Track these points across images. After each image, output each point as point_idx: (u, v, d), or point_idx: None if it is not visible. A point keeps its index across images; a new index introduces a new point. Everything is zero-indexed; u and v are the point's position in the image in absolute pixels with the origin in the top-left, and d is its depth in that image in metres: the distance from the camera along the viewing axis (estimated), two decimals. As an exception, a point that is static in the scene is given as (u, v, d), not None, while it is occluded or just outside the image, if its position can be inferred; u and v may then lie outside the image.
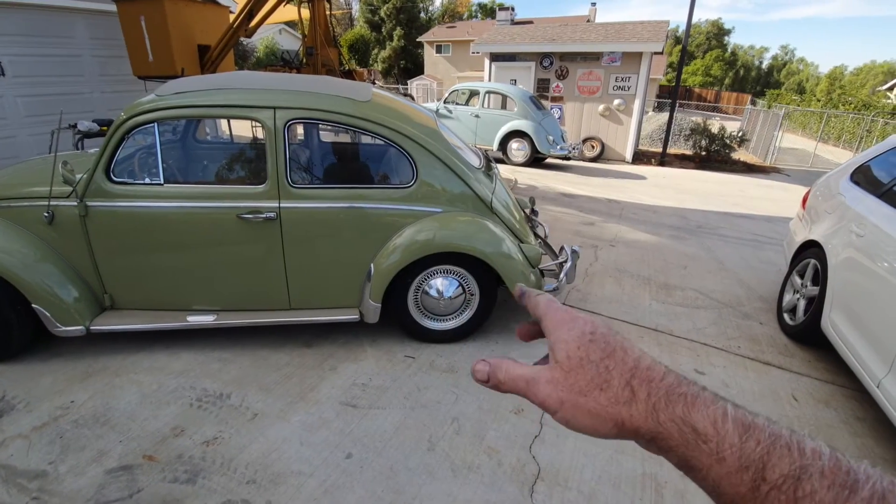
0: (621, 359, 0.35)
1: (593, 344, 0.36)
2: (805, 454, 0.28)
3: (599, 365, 0.35)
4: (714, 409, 0.31)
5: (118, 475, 1.92)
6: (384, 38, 37.48)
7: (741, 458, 0.29)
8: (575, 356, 0.36)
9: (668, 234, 5.54)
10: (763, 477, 0.28)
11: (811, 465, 0.27)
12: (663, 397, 0.32)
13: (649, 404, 0.33)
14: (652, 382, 0.33)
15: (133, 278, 2.60)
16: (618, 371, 0.34)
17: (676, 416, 0.31)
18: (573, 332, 0.37)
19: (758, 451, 0.28)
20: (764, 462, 0.28)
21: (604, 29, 11.38)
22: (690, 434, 0.31)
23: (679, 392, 0.32)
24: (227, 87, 2.54)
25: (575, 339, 0.37)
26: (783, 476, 0.27)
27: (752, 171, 10.87)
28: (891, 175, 2.98)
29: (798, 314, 3.25)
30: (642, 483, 2.01)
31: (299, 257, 2.63)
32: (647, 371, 0.34)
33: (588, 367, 0.35)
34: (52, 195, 2.40)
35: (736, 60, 55.76)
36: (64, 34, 6.23)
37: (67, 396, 2.35)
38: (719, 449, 0.29)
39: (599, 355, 0.35)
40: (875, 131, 14.95)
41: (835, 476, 0.26)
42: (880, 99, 22.41)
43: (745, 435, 0.29)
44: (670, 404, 0.32)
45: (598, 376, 0.35)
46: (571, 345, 0.36)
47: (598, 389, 0.34)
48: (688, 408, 0.31)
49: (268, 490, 1.89)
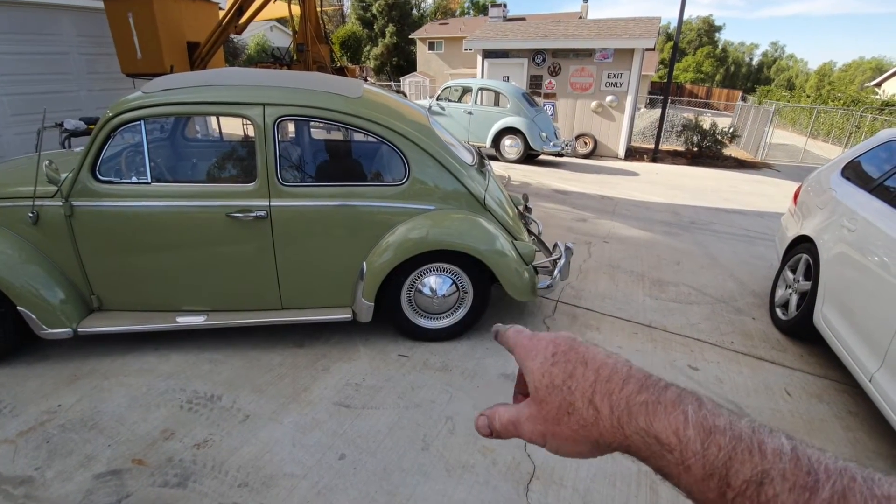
0: (581, 375, 0.35)
1: (555, 367, 0.36)
2: (766, 456, 0.28)
3: (563, 388, 0.35)
4: (675, 415, 0.31)
5: (106, 480, 1.88)
6: (376, 34, 37.31)
7: (705, 465, 0.29)
8: (542, 385, 0.37)
9: (661, 230, 5.55)
10: (728, 483, 0.28)
11: (772, 468, 0.27)
12: (625, 410, 0.32)
13: (613, 419, 0.33)
14: (612, 395, 0.33)
15: (121, 279, 2.56)
16: (579, 391, 0.35)
17: (640, 428, 0.32)
18: (537, 359, 0.38)
19: (720, 458, 0.28)
20: (727, 468, 0.28)
21: (596, 25, 11.38)
22: (655, 445, 0.31)
23: (640, 401, 0.32)
24: (216, 83, 2.49)
25: (539, 367, 0.37)
26: (746, 482, 0.27)
27: (744, 166, 10.94)
28: (881, 170, 3.00)
29: (790, 309, 3.26)
30: (637, 480, 2.01)
31: (291, 256, 2.60)
32: (607, 383, 0.34)
33: (554, 393, 0.36)
34: (36, 195, 2.35)
35: (727, 57, 56.12)
36: (50, 31, 6.12)
37: (54, 400, 2.31)
38: (683, 458, 0.30)
39: (562, 378, 0.36)
40: (864, 127, 15.09)
41: (795, 478, 0.26)
42: (868, 95, 22.64)
43: (707, 441, 0.29)
44: (632, 417, 0.32)
45: (564, 401, 0.35)
46: (537, 374, 0.37)
47: (566, 415, 0.35)
48: (649, 418, 0.31)
49: (260, 493, 1.86)
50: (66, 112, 6.02)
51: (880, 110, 16.69)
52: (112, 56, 6.24)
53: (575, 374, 0.35)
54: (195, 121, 5.35)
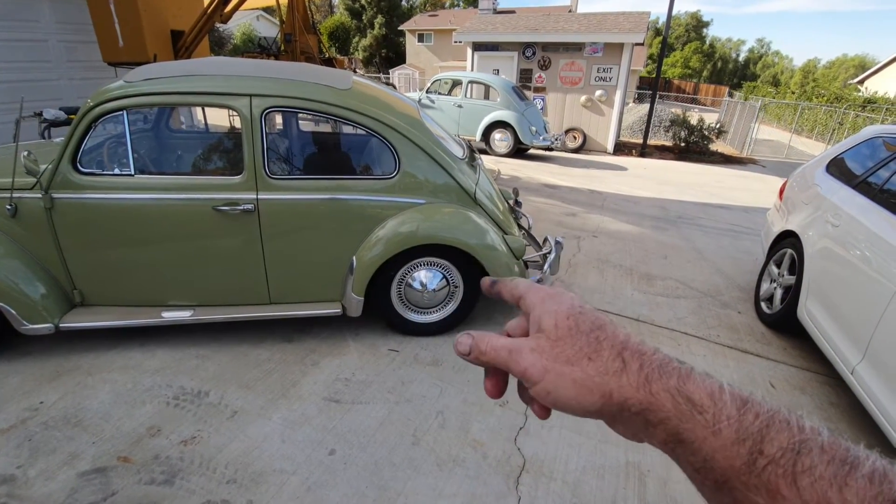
0: (612, 332, 0.34)
1: (582, 316, 0.35)
2: (804, 430, 0.27)
3: (590, 335, 0.34)
4: (709, 382, 0.31)
5: (91, 478, 1.85)
6: (365, 25, 36.88)
7: (739, 430, 0.28)
8: (563, 325, 0.35)
9: (649, 224, 5.60)
10: (761, 450, 0.27)
11: (811, 439, 0.26)
12: (656, 369, 0.32)
13: (641, 375, 0.32)
14: (644, 355, 0.33)
15: (104, 273, 2.50)
16: (608, 342, 0.34)
17: (671, 386, 0.31)
18: (562, 304, 0.36)
19: (756, 425, 0.28)
20: (762, 435, 0.27)
21: (586, 19, 11.37)
22: (685, 404, 0.30)
23: (672, 366, 0.32)
24: (201, 73, 2.43)
25: (565, 310, 0.36)
26: (782, 449, 0.26)
27: (730, 162, 11.07)
28: (864, 166, 3.05)
29: (775, 303, 3.32)
30: (626, 472, 2.03)
31: (279, 250, 2.57)
32: (639, 346, 0.34)
33: (577, 336, 0.34)
34: (14, 187, 2.28)
35: (714, 53, 56.58)
36: (28, 18, 5.93)
37: (36, 397, 2.26)
38: (716, 420, 0.29)
39: (589, 326, 0.35)
40: (847, 123, 15.35)
41: (835, 452, 0.26)
42: (852, 92, 22.99)
43: (744, 408, 0.29)
44: (664, 375, 0.31)
45: (588, 346, 0.34)
46: (560, 315, 0.36)
47: (586, 359, 0.33)
48: (682, 380, 0.31)
49: (249, 489, 1.84)
50: (45, 101, 5.85)
51: (863, 107, 16.99)
52: (93, 44, 6.06)
53: (605, 328, 0.35)
54: (180, 111, 5.24)
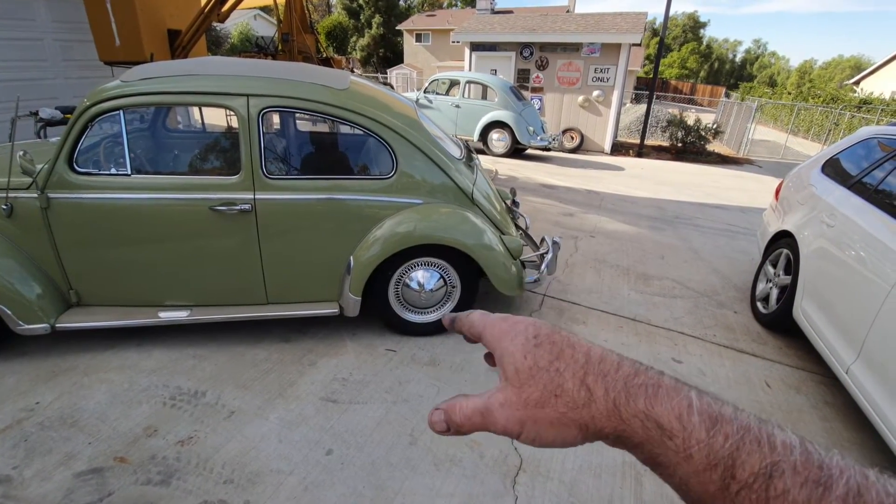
0: (570, 357, 0.33)
1: (539, 349, 0.34)
2: (776, 449, 0.26)
3: (550, 369, 0.33)
4: (678, 400, 0.29)
5: (87, 478, 1.85)
6: (363, 25, 36.85)
7: (709, 455, 0.27)
8: (523, 367, 0.33)
9: (646, 224, 5.62)
10: (733, 475, 0.26)
11: (783, 460, 0.25)
12: (622, 391, 0.30)
13: (609, 401, 0.30)
14: (607, 376, 0.31)
15: (100, 274, 2.49)
16: (569, 371, 0.32)
17: (639, 410, 0.29)
18: (516, 340, 0.35)
19: (727, 448, 0.27)
20: (733, 459, 0.26)
21: (583, 20, 11.39)
22: (655, 430, 0.29)
23: (638, 383, 0.30)
24: (198, 72, 2.43)
25: (520, 348, 0.34)
26: (754, 474, 0.25)
27: (726, 162, 11.11)
28: (859, 167, 3.06)
29: (771, 303, 3.33)
30: (622, 472, 2.04)
31: (276, 250, 2.56)
32: (600, 364, 0.32)
33: (539, 375, 0.33)
34: (10, 186, 2.27)
35: (711, 53, 56.78)
36: (23, 16, 5.90)
37: (32, 398, 2.25)
38: (686, 446, 0.28)
39: (548, 359, 0.33)
40: (842, 124, 15.42)
41: (808, 472, 0.25)
42: (847, 93, 23.12)
43: (713, 429, 0.27)
44: (630, 398, 0.30)
45: (551, 382, 0.32)
46: (517, 355, 0.34)
47: (553, 397, 0.32)
48: (650, 401, 0.29)
49: (246, 489, 1.84)
50: (41, 100, 5.83)
51: (858, 108, 17.08)
52: (89, 43, 6.03)
53: (563, 356, 0.33)
54: (177, 111, 5.22)
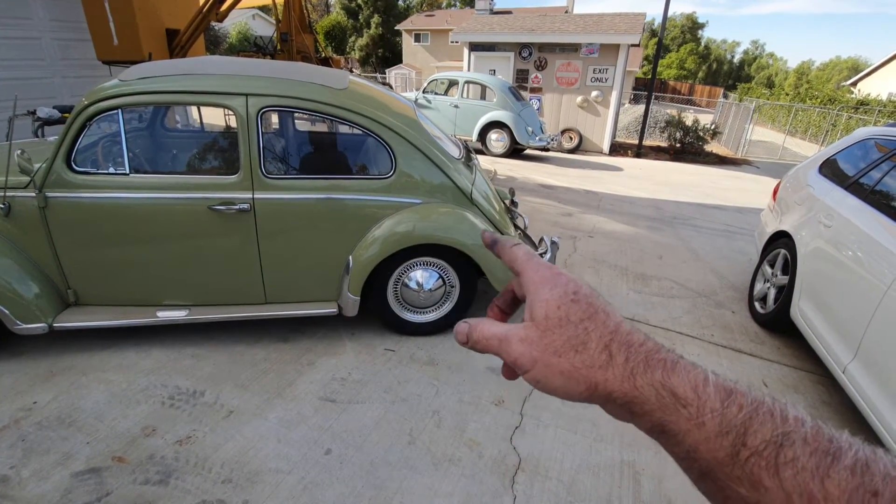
0: (602, 321, 0.34)
1: (575, 304, 0.34)
2: (788, 421, 0.27)
3: (578, 326, 0.34)
4: (694, 374, 0.30)
5: (85, 478, 1.84)
6: (361, 25, 36.84)
7: (722, 423, 0.28)
8: (554, 316, 0.34)
9: (645, 224, 5.63)
10: (744, 442, 0.27)
11: (794, 431, 0.27)
12: (642, 362, 0.32)
13: (627, 368, 0.32)
14: (631, 347, 0.32)
15: (99, 273, 2.49)
16: (597, 333, 0.33)
17: (655, 380, 0.31)
18: (555, 290, 0.35)
19: (740, 417, 0.28)
20: (745, 427, 0.27)
21: (582, 20, 11.40)
22: (669, 398, 0.30)
23: (658, 358, 0.32)
24: (197, 72, 2.43)
25: (556, 298, 0.35)
26: (765, 442, 0.27)
27: (724, 162, 11.13)
28: (856, 168, 3.08)
29: (768, 303, 3.34)
30: (620, 470, 2.04)
31: (275, 250, 2.56)
32: (627, 336, 0.33)
33: (566, 327, 0.34)
34: (7, 185, 2.27)
35: (709, 54, 56.91)
36: (21, 15, 5.88)
37: (30, 397, 2.25)
38: (699, 413, 0.29)
39: (580, 316, 0.34)
40: (840, 125, 15.46)
41: (818, 443, 0.26)
42: (845, 94, 23.20)
43: (727, 400, 0.29)
44: (649, 369, 0.31)
45: (576, 337, 0.33)
46: (552, 304, 0.35)
47: (573, 350, 0.33)
48: (667, 373, 0.31)
49: (244, 489, 1.84)
50: (39, 100, 5.81)
51: (855, 109, 17.13)
52: (87, 42, 6.02)
53: (595, 318, 0.34)
54: (175, 111, 5.21)
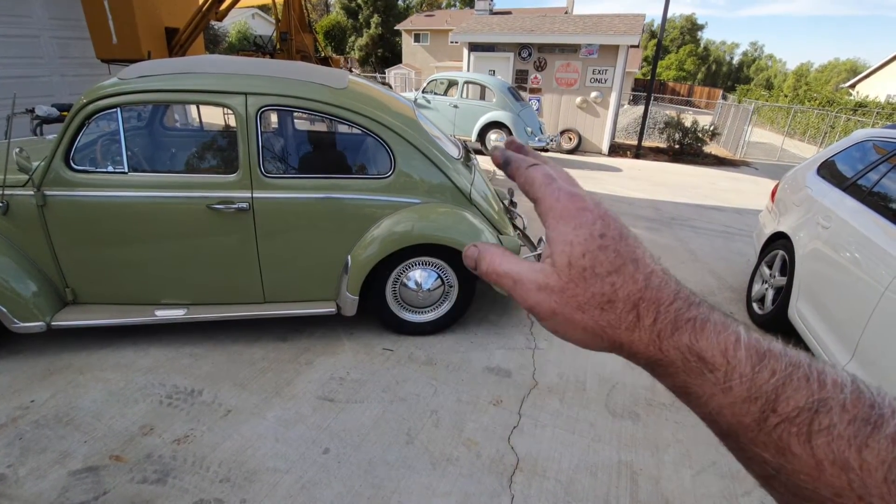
0: (631, 276, 0.30)
1: (602, 252, 0.31)
2: (825, 386, 0.25)
3: (605, 280, 0.30)
4: (725, 335, 0.28)
5: (83, 477, 1.84)
6: (361, 25, 36.83)
7: (751, 388, 0.26)
8: (577, 265, 0.31)
9: (643, 225, 5.64)
10: (774, 409, 0.25)
11: (832, 397, 0.24)
12: (670, 323, 0.29)
13: (654, 331, 0.29)
14: (660, 307, 0.29)
15: (97, 272, 2.48)
16: (625, 291, 0.30)
17: (682, 343, 0.28)
18: (580, 231, 0.31)
19: (771, 383, 0.26)
20: (777, 394, 0.25)
21: (581, 21, 11.42)
22: (696, 362, 0.28)
23: (687, 317, 0.29)
24: (196, 71, 2.43)
25: (581, 242, 0.31)
26: (798, 408, 0.25)
27: (723, 164, 11.15)
28: (854, 169, 3.08)
29: (766, 303, 3.35)
30: (618, 471, 2.05)
31: (273, 249, 2.56)
32: (657, 292, 0.30)
33: (591, 281, 0.30)
34: (6, 184, 2.26)
35: (708, 56, 57.00)
36: (19, 13, 5.87)
37: (27, 396, 2.24)
38: (727, 378, 0.27)
39: (607, 268, 0.30)
40: (838, 127, 15.50)
41: (857, 410, 0.24)
42: (843, 96, 23.24)
43: (759, 365, 0.26)
44: (676, 331, 0.29)
45: (602, 294, 0.30)
46: (576, 250, 0.31)
47: (598, 308, 0.30)
48: (695, 335, 0.28)
49: (242, 488, 1.84)
50: (37, 98, 5.79)
51: (854, 111, 17.17)
52: (86, 40, 6.02)
53: (623, 271, 0.30)
54: (174, 109, 5.21)
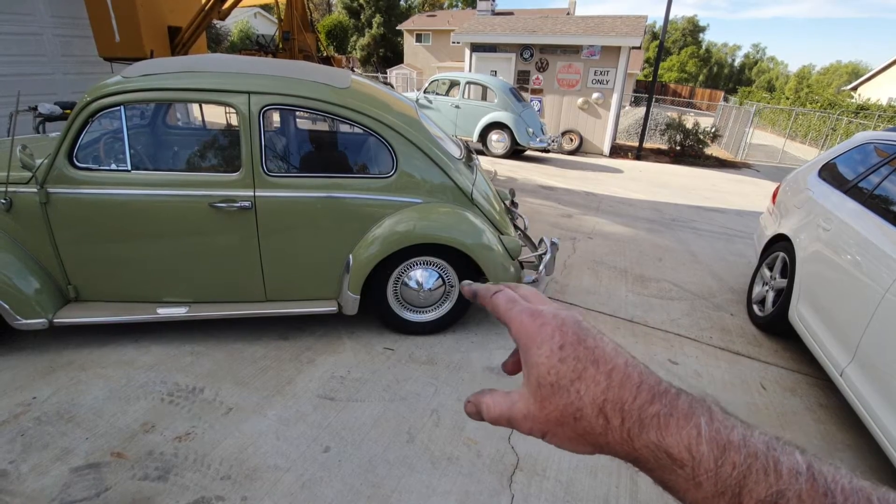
0: (592, 379, 0.33)
1: (563, 364, 0.34)
2: (782, 476, 0.27)
3: (570, 391, 0.33)
4: (688, 429, 0.30)
5: (84, 473, 1.85)
6: (363, 25, 36.84)
7: (717, 483, 0.28)
8: (546, 383, 0.34)
9: (644, 226, 5.64)
10: (740, 502, 0.28)
11: (788, 489, 0.27)
12: (636, 423, 0.31)
13: (623, 431, 0.32)
14: (624, 406, 0.32)
15: (99, 269, 2.49)
16: (589, 396, 0.33)
17: (651, 442, 0.31)
18: (542, 350, 0.35)
19: (734, 476, 0.28)
20: (740, 487, 0.28)
21: (583, 22, 11.42)
22: (665, 460, 0.30)
23: (652, 413, 0.31)
24: (199, 70, 2.43)
25: (544, 360, 0.34)
26: (759, 501, 0.27)
27: (724, 165, 11.15)
28: (855, 172, 3.09)
29: (767, 305, 3.35)
30: (618, 471, 2.05)
31: (275, 248, 2.57)
32: (619, 390, 0.32)
33: (560, 394, 0.34)
34: (9, 181, 2.27)
35: (710, 57, 56.94)
36: (22, 11, 5.87)
37: (29, 392, 2.25)
38: (695, 475, 0.29)
39: (570, 378, 0.33)
40: (840, 129, 15.49)
41: (812, 499, 0.26)
42: (845, 98, 23.22)
43: (721, 458, 0.29)
44: (643, 430, 0.31)
45: (571, 405, 0.33)
46: (542, 369, 0.34)
47: (572, 419, 0.33)
48: (661, 432, 0.31)
49: (243, 486, 1.85)
50: (40, 96, 5.80)
51: (855, 114, 17.16)
52: (88, 38, 6.01)
53: (585, 377, 0.33)
54: (176, 108, 5.22)
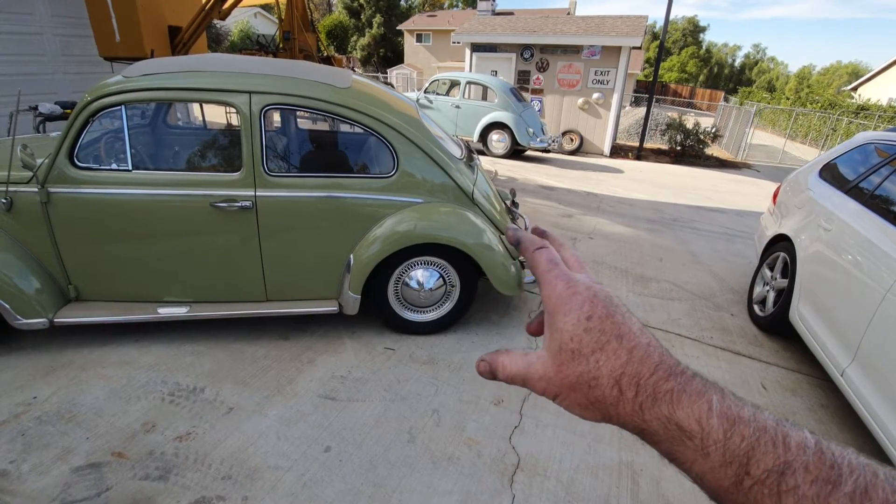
0: (614, 352, 0.34)
1: (587, 334, 0.35)
2: (790, 448, 0.28)
3: (590, 360, 0.34)
4: (699, 404, 0.31)
5: (85, 473, 1.85)
6: (363, 24, 36.84)
7: (725, 454, 0.29)
8: (567, 349, 0.35)
9: (644, 226, 5.64)
10: (747, 472, 0.28)
11: (795, 460, 0.27)
12: (650, 396, 0.32)
13: (636, 403, 0.33)
14: (640, 380, 0.33)
15: (100, 269, 2.49)
16: (607, 368, 0.34)
17: (662, 414, 0.32)
18: (569, 317, 0.35)
19: (742, 447, 0.29)
20: (748, 457, 0.28)
21: (584, 22, 11.42)
22: (675, 431, 0.31)
23: (666, 389, 0.32)
24: (200, 69, 2.43)
25: (570, 328, 0.35)
26: (767, 471, 0.28)
27: (725, 166, 11.15)
28: (856, 172, 3.09)
29: (767, 306, 3.35)
30: (619, 471, 2.05)
31: (276, 248, 2.57)
32: (638, 366, 0.33)
33: (579, 361, 0.34)
34: (10, 180, 2.27)
35: (710, 58, 56.95)
36: (22, 10, 5.87)
37: (29, 392, 2.25)
38: (704, 445, 0.30)
39: (591, 348, 0.34)
40: (840, 129, 15.49)
41: (819, 471, 0.27)
42: (845, 98, 23.22)
43: (731, 431, 0.29)
44: (656, 403, 0.32)
45: (588, 373, 0.34)
46: (565, 336, 0.35)
47: (587, 387, 0.34)
48: (673, 406, 0.31)
49: (244, 485, 1.84)
50: (40, 95, 5.80)
51: (856, 114, 17.15)
52: (89, 38, 6.01)
53: (606, 349, 0.34)
54: (176, 108, 5.22)
